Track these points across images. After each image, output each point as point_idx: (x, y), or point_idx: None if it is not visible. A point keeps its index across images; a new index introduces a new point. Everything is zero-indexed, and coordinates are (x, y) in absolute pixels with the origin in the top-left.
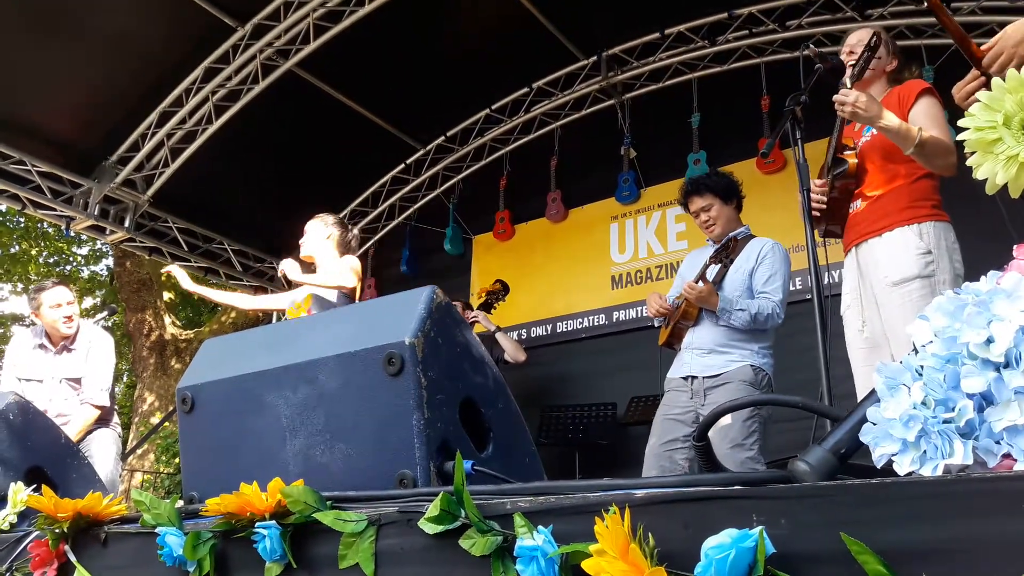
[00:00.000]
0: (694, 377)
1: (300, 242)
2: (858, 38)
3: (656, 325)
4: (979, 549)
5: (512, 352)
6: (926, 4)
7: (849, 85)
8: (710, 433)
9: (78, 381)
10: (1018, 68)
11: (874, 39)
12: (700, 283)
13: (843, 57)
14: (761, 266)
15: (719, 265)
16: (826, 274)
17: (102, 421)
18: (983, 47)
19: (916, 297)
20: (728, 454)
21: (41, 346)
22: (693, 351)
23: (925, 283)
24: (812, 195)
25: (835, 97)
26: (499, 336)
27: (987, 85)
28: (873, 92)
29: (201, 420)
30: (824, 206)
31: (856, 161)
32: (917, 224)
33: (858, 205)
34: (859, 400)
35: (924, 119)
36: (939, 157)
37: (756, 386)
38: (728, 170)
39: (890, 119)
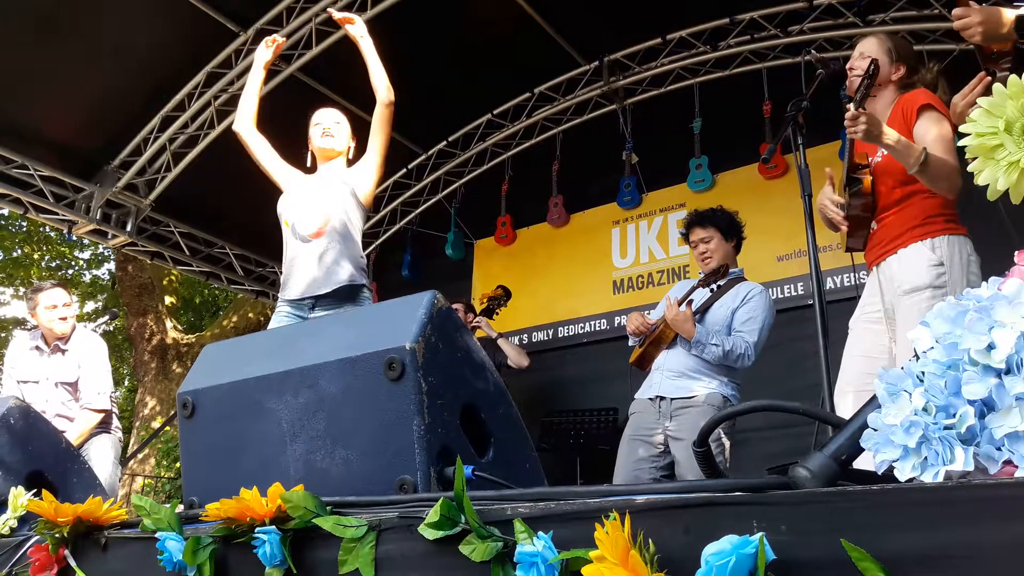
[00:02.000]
0: (662, 398)
1: (328, 127)
2: (860, 51)
3: (631, 344)
4: (980, 555)
5: (515, 358)
6: None
7: (853, 108)
8: (680, 446)
9: (73, 386)
10: (972, 35)
11: (871, 67)
12: (683, 307)
13: (856, 62)
14: (745, 306)
15: (708, 291)
16: (828, 280)
17: (102, 425)
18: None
19: (926, 307)
20: (696, 468)
21: (37, 348)
22: (664, 372)
23: (936, 293)
24: (830, 212)
25: (847, 116)
26: (501, 342)
27: (988, 90)
28: (881, 103)
29: (202, 425)
30: (846, 224)
31: (871, 179)
32: (931, 239)
33: (875, 226)
34: (852, 408)
35: (927, 137)
36: (942, 179)
37: (721, 408)
38: (730, 175)
39: (893, 136)
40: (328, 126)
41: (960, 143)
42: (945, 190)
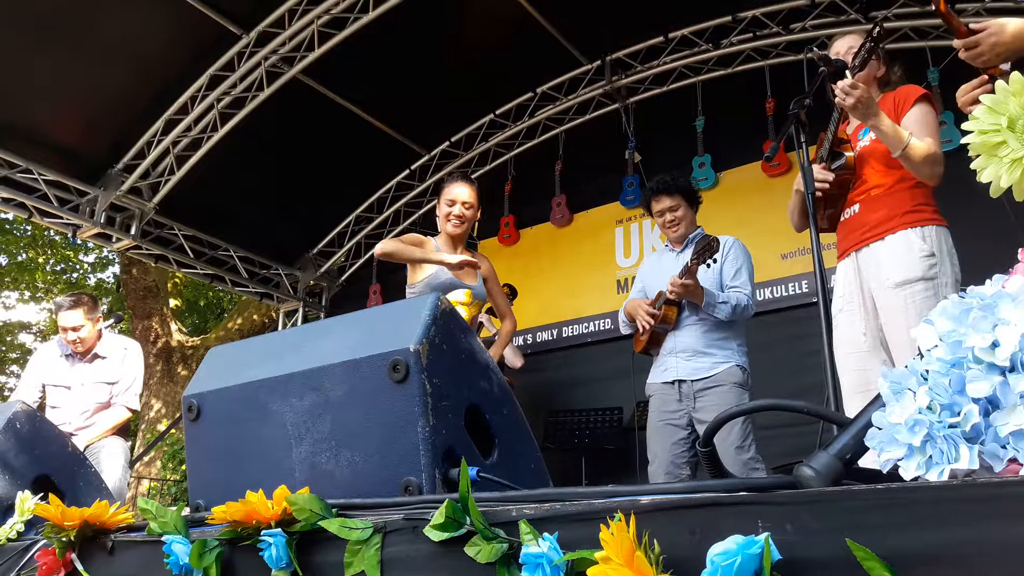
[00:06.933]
0: (682, 381)
1: (463, 211)
2: (848, 44)
3: (625, 332)
4: (985, 554)
5: (511, 358)
6: (934, 8)
7: (850, 76)
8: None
9: (112, 384)
10: (980, 65)
11: (877, 29)
12: (685, 279)
13: (843, 56)
14: (727, 262)
15: (705, 266)
16: (831, 278)
17: (120, 429)
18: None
19: (919, 299)
20: (731, 454)
21: (69, 355)
22: (677, 355)
23: (929, 285)
24: (816, 176)
25: (841, 84)
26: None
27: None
28: None
29: (207, 428)
30: (827, 185)
31: (853, 155)
32: (920, 227)
33: (855, 210)
34: (846, 406)
35: (916, 126)
36: (926, 165)
37: (744, 387)
38: (733, 173)
39: (884, 120)
40: (459, 212)
41: (963, 140)
42: (927, 176)
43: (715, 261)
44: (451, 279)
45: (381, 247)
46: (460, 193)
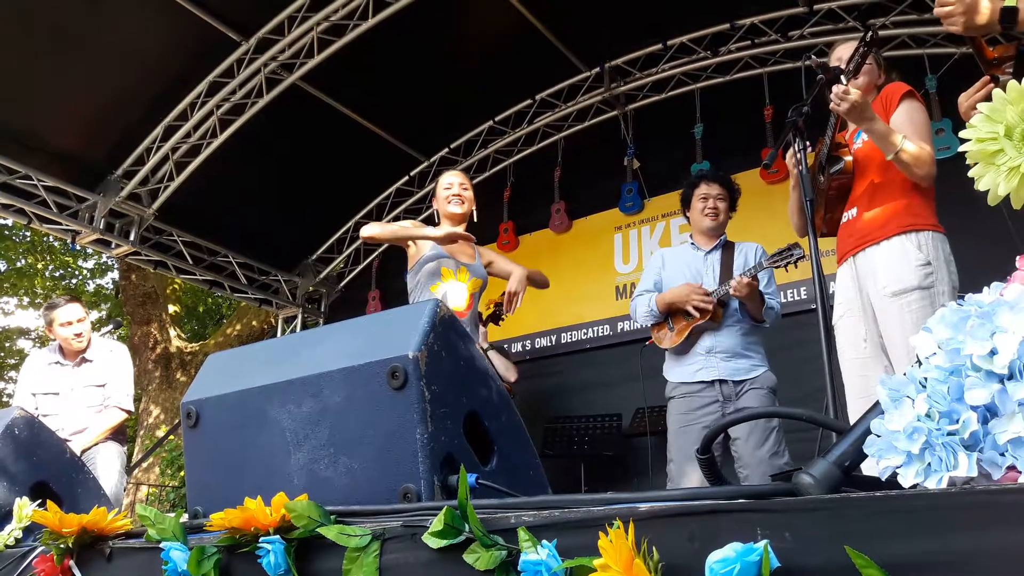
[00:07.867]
0: (723, 381)
1: (461, 192)
2: (847, 52)
3: (648, 324)
4: (984, 561)
5: (502, 372)
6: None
7: (845, 82)
8: (744, 442)
9: (102, 387)
10: (948, 24)
11: (871, 34)
12: (751, 280)
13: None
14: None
15: (788, 267)
16: (831, 284)
17: (117, 433)
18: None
19: (915, 308)
20: (767, 461)
21: (57, 363)
22: (716, 355)
23: (925, 294)
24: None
25: (835, 89)
26: (491, 354)
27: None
28: None
29: (205, 434)
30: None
31: (851, 159)
32: (916, 233)
33: (853, 214)
34: (850, 411)
35: (906, 125)
36: (918, 167)
37: (775, 392)
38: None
39: (879, 124)
40: (458, 192)
41: (960, 148)
42: (920, 178)
43: (796, 266)
44: (442, 252)
45: (366, 229)
46: (453, 179)
